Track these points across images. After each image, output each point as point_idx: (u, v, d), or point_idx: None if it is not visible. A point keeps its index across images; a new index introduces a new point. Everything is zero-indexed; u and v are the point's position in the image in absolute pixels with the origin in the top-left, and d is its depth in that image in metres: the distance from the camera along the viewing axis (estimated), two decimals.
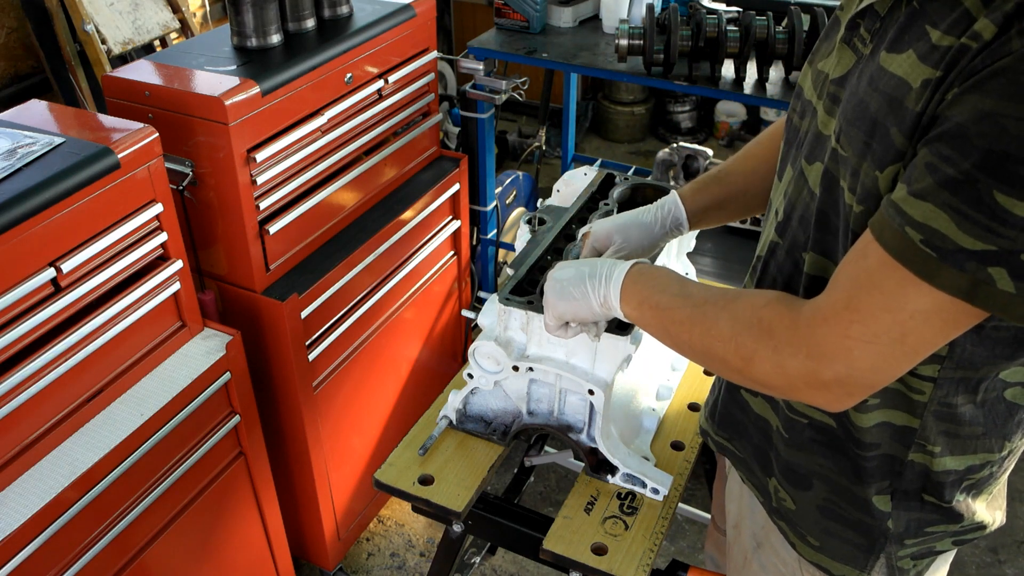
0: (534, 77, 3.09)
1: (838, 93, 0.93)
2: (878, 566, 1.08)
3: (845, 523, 1.07)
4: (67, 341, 1.37)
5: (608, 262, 1.12)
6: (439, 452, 1.37)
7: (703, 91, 2.39)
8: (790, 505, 1.12)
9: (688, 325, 0.98)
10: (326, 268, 1.89)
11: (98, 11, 2.47)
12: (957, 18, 0.76)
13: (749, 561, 1.24)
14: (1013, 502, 2.59)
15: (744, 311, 0.93)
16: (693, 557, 2.44)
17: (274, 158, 1.70)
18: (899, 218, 0.78)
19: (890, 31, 0.85)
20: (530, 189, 3.34)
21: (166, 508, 1.60)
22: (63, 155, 1.34)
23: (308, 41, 1.81)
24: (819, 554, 1.11)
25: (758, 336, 0.90)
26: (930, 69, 0.78)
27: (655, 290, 1.04)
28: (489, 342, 1.27)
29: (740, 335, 0.92)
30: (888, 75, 0.83)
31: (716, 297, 0.98)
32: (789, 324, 0.88)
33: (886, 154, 0.82)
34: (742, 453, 1.20)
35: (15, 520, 1.29)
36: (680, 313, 1.00)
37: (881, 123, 0.83)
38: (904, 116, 0.80)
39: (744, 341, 0.91)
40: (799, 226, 1.00)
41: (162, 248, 1.52)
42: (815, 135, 0.97)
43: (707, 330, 0.96)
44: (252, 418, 1.76)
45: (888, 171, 0.82)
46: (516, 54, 2.59)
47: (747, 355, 0.91)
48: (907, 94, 0.80)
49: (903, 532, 1.05)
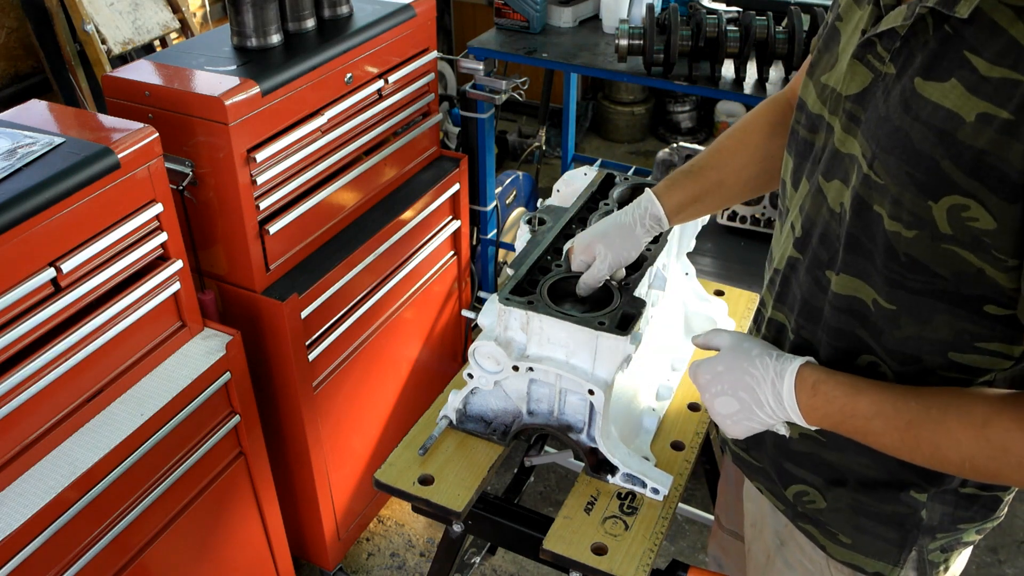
0: (534, 77, 3.09)
1: (856, 112, 0.92)
2: (910, 560, 1.09)
3: (878, 519, 1.07)
4: (67, 341, 1.37)
5: (767, 360, 1.00)
6: (439, 452, 1.37)
7: (703, 91, 2.39)
8: (819, 505, 1.12)
9: (905, 452, 0.93)
10: (326, 268, 1.89)
11: (98, 11, 2.47)
12: (1004, 47, 0.75)
13: (772, 559, 1.24)
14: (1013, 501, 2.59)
15: (967, 435, 0.87)
16: (693, 557, 2.44)
17: (274, 158, 1.70)
18: None
19: (918, 55, 0.83)
20: (530, 189, 3.34)
21: (166, 508, 1.60)
22: (63, 155, 1.34)
23: (308, 41, 1.81)
24: (851, 552, 1.11)
25: (993, 457, 0.87)
26: (987, 104, 0.77)
27: (843, 409, 0.95)
28: (489, 342, 1.27)
29: (974, 459, 0.88)
30: (932, 105, 0.81)
31: (922, 419, 0.89)
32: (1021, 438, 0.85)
33: (939, 186, 0.82)
34: (760, 463, 1.19)
35: (15, 520, 1.29)
36: (887, 438, 0.93)
37: (927, 155, 0.82)
38: (960, 151, 0.79)
39: (979, 464, 0.88)
40: (820, 244, 1.00)
41: (162, 248, 1.52)
42: (832, 153, 0.96)
43: (930, 456, 0.91)
44: (252, 418, 1.76)
45: (944, 201, 0.82)
46: (516, 54, 2.59)
47: (987, 474, 0.89)
48: (959, 127, 0.79)
49: (936, 526, 1.06)
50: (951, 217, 0.82)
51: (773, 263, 1.13)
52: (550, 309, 1.24)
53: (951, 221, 0.83)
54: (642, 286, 1.32)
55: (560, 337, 1.25)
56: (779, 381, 0.98)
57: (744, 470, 1.24)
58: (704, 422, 1.46)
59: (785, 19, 2.25)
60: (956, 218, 0.82)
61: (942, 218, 0.83)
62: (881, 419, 0.92)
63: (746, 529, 1.34)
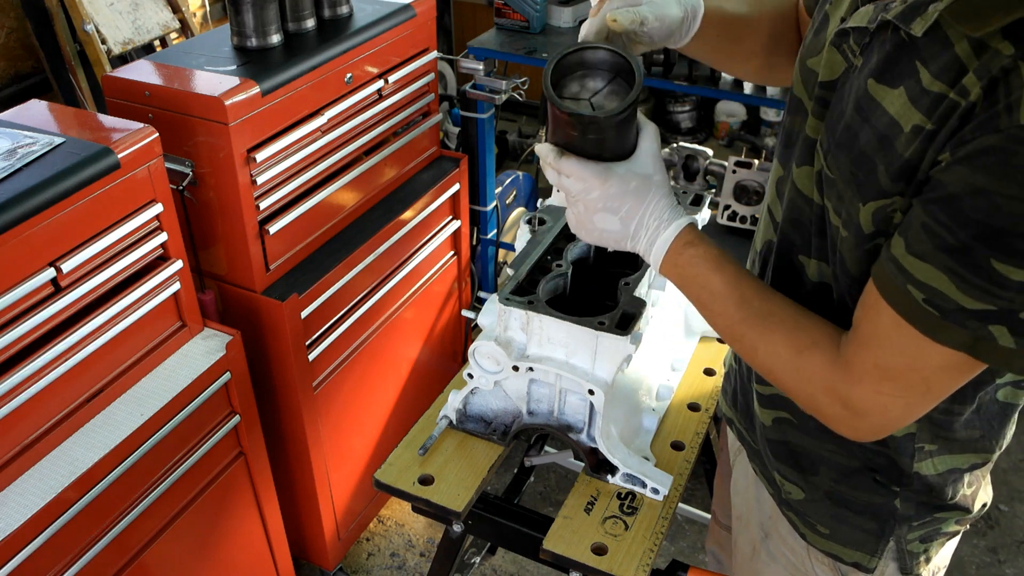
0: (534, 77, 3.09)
1: (826, 97, 0.93)
2: (888, 550, 1.09)
3: (855, 508, 1.08)
4: (67, 341, 1.37)
5: (659, 206, 0.99)
6: (439, 452, 1.37)
7: (703, 91, 2.39)
8: (797, 495, 1.13)
9: (727, 338, 1.01)
10: (326, 268, 1.89)
11: (98, 11, 2.47)
12: (948, 63, 0.76)
13: (758, 551, 1.25)
14: (1013, 502, 2.59)
15: (783, 352, 0.94)
16: (693, 557, 2.44)
17: (274, 158, 1.70)
18: (901, 276, 0.81)
19: (875, 54, 0.85)
20: (530, 189, 3.34)
21: (166, 508, 1.60)
22: (63, 155, 1.34)
23: (308, 41, 1.81)
24: (829, 541, 1.12)
25: (796, 380, 0.94)
26: (921, 116, 0.78)
27: (702, 269, 0.99)
28: (489, 342, 1.27)
29: (780, 373, 0.95)
30: (880, 110, 0.83)
31: (754, 321, 0.96)
32: (825, 377, 0.91)
33: (870, 189, 0.84)
34: (756, 444, 1.20)
35: (15, 520, 1.29)
36: (719, 320, 1.00)
37: (869, 157, 0.84)
38: (892, 158, 0.81)
39: (781, 378, 0.96)
40: (792, 228, 1.01)
41: (162, 248, 1.52)
42: (804, 139, 0.98)
43: (746, 351, 0.99)
44: (252, 418, 1.76)
45: (870, 206, 0.85)
46: (516, 54, 2.59)
47: (784, 387, 0.97)
48: (897, 136, 0.81)
49: (912, 515, 1.07)
50: (876, 217, 0.85)
51: (755, 247, 1.15)
52: (550, 309, 1.24)
53: (876, 220, 0.85)
54: (642, 286, 1.32)
55: (560, 337, 1.25)
56: (663, 228, 1.00)
57: (747, 449, 1.26)
58: (704, 422, 1.46)
59: None
60: (881, 216, 0.84)
61: (867, 220, 0.86)
62: (721, 302, 0.98)
63: (733, 522, 1.35)
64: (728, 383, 1.30)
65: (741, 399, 1.23)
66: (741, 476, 1.30)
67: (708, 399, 1.50)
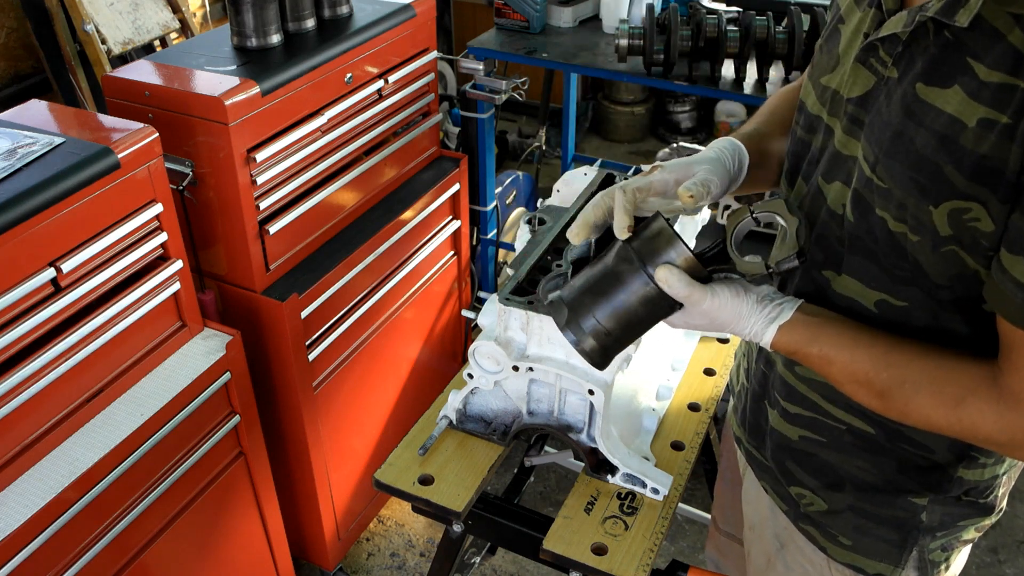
0: (534, 77, 3.09)
1: (859, 115, 0.92)
2: (911, 560, 1.09)
3: (879, 520, 1.08)
4: (67, 341, 1.37)
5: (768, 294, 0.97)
6: (439, 452, 1.37)
7: (703, 91, 2.39)
8: (820, 507, 1.12)
9: (874, 411, 0.96)
10: (326, 268, 1.89)
11: (98, 11, 2.47)
12: (1002, 53, 0.75)
13: (773, 562, 1.24)
14: (1013, 501, 2.59)
15: (938, 413, 0.90)
16: (693, 557, 2.44)
17: (274, 158, 1.70)
18: (1021, 293, 0.80)
19: (919, 60, 0.83)
20: (530, 189, 3.34)
21: (166, 508, 1.60)
22: (63, 155, 1.34)
23: (308, 41, 1.81)
24: (852, 553, 1.11)
25: (962, 432, 0.90)
26: (986, 108, 0.77)
27: (814, 363, 0.96)
28: (489, 342, 1.27)
29: (941, 430, 0.91)
30: (935, 111, 0.81)
31: (895, 392, 0.91)
32: (995, 421, 0.87)
33: (939, 190, 0.82)
34: (768, 462, 1.20)
35: (15, 520, 1.29)
36: (860, 398, 0.95)
37: (930, 159, 0.82)
38: (961, 156, 0.80)
39: (947, 433, 0.91)
40: (817, 245, 1.00)
41: (162, 248, 1.52)
42: (833, 154, 0.96)
43: (898, 418, 0.94)
44: (252, 418, 1.76)
45: (943, 207, 0.83)
46: (516, 54, 2.59)
47: (953, 436, 0.92)
48: (961, 132, 0.79)
49: (936, 526, 1.07)
50: (952, 220, 0.83)
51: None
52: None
53: (952, 223, 0.83)
54: None
55: (560, 337, 1.25)
56: (778, 308, 0.96)
57: (754, 468, 1.25)
58: (704, 422, 1.46)
59: (785, 19, 2.25)
60: (957, 220, 0.83)
61: (942, 222, 0.84)
62: (853, 385, 0.94)
63: (745, 532, 1.34)
64: (739, 401, 1.28)
65: (751, 418, 1.22)
66: (752, 485, 1.29)
67: (708, 399, 1.50)
